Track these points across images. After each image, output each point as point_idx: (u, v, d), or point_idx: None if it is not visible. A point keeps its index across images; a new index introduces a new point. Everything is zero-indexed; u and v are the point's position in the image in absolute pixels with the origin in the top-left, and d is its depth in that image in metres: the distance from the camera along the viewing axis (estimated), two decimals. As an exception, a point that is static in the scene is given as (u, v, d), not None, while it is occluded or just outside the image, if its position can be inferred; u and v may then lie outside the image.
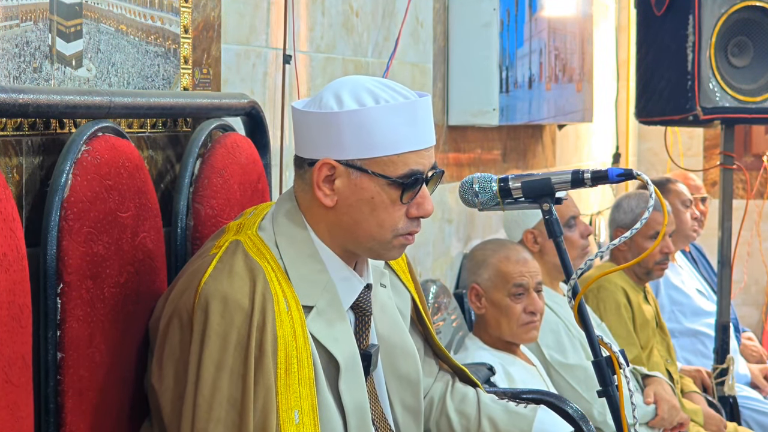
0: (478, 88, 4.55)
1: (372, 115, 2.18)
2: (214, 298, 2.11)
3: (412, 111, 2.20)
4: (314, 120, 2.21)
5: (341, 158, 2.19)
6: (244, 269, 2.16)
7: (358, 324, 2.30)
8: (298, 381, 2.14)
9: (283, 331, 2.13)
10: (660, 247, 4.80)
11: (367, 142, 2.18)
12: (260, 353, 2.10)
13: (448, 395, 2.53)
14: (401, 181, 2.19)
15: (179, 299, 2.17)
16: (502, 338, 3.83)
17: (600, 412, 4.01)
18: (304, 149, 2.25)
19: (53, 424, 2.09)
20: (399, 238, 2.24)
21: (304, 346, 2.16)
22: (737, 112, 4.88)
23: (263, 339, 2.11)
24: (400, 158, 2.19)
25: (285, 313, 2.15)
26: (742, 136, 7.74)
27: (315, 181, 2.21)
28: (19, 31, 2.12)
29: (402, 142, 2.19)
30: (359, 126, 2.17)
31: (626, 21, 7.57)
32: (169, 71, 2.63)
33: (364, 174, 2.19)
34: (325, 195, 2.21)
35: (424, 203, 2.23)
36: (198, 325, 2.11)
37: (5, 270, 1.88)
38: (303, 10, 3.35)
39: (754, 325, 7.65)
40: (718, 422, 4.76)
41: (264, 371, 2.10)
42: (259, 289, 2.13)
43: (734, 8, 4.85)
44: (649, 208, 2.24)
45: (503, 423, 2.48)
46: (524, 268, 3.83)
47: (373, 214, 2.21)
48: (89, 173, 2.16)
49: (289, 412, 2.12)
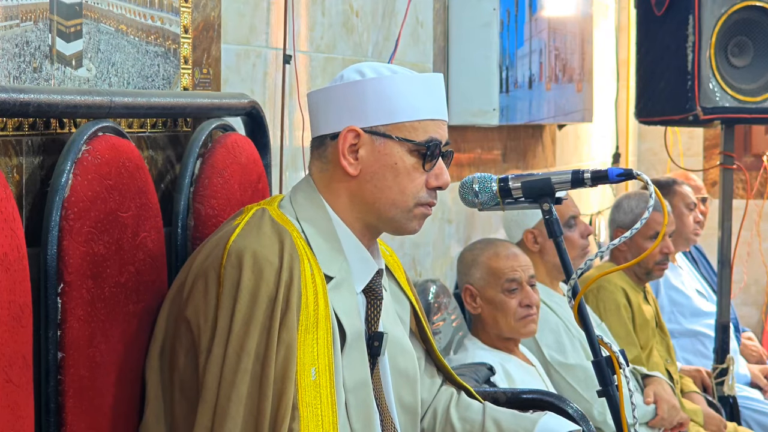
0: (478, 88, 4.55)
1: (393, 83, 2.28)
2: (245, 254, 2.17)
3: (429, 83, 2.32)
4: (336, 93, 2.30)
5: (365, 125, 2.27)
6: (272, 231, 2.22)
7: (369, 307, 2.34)
8: (316, 340, 2.19)
9: (306, 291, 2.19)
10: (660, 248, 4.80)
11: (389, 108, 2.27)
12: (287, 308, 2.16)
13: (452, 406, 2.54)
14: (424, 145, 2.27)
15: (204, 262, 2.21)
16: (501, 335, 3.83)
17: (600, 412, 4.01)
18: (326, 125, 2.32)
19: (53, 423, 2.09)
20: (419, 208, 2.30)
21: (324, 310, 2.21)
22: (737, 112, 4.88)
23: (290, 295, 2.16)
24: (421, 125, 2.29)
25: (309, 276, 2.21)
26: (742, 136, 7.74)
27: (340, 149, 2.27)
28: (19, 31, 2.12)
29: (422, 109, 2.29)
30: (381, 93, 2.27)
31: (626, 21, 7.57)
32: (169, 71, 2.63)
33: (388, 140, 2.27)
34: (349, 164, 2.28)
35: (442, 174, 2.31)
36: (229, 280, 2.16)
37: (6, 270, 1.88)
38: (303, 10, 3.35)
39: (754, 325, 7.65)
40: (718, 422, 4.76)
41: (288, 326, 2.15)
42: (287, 248, 2.19)
43: (734, 8, 4.85)
44: (648, 208, 2.24)
45: (507, 423, 2.49)
46: (515, 263, 3.83)
47: (396, 180, 2.28)
48: (90, 173, 2.16)
49: (306, 369, 2.16)
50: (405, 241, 4.01)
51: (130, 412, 2.27)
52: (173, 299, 2.25)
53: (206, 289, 2.19)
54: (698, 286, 5.90)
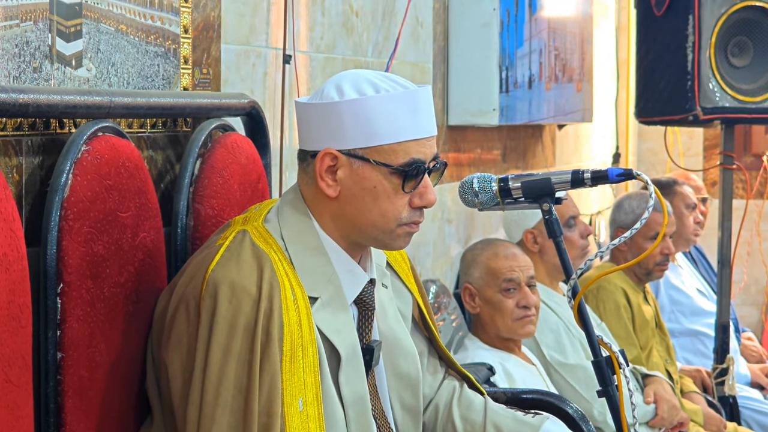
0: (478, 88, 4.55)
1: (372, 104, 2.19)
2: (222, 284, 2.12)
3: (413, 100, 2.22)
4: (316, 111, 2.23)
5: (343, 148, 2.21)
6: (252, 257, 2.17)
7: (361, 318, 2.31)
8: (303, 369, 2.15)
9: (289, 319, 2.14)
10: (660, 248, 4.80)
11: (368, 130, 2.19)
12: (267, 339, 2.11)
13: (454, 402, 2.52)
14: (403, 170, 2.20)
15: (186, 287, 2.18)
16: (499, 335, 3.83)
17: (600, 412, 4.01)
18: (307, 142, 2.26)
19: (53, 423, 2.09)
20: (403, 227, 2.25)
21: (309, 335, 2.17)
22: (737, 112, 4.88)
23: (270, 325, 2.12)
24: (401, 147, 2.21)
25: (291, 301, 2.16)
26: (742, 136, 7.74)
27: (318, 171, 2.22)
28: (19, 31, 2.12)
29: (402, 130, 2.20)
30: (359, 115, 2.19)
31: (626, 21, 7.57)
32: (169, 71, 2.63)
33: (366, 163, 2.20)
34: (327, 186, 2.22)
35: (426, 193, 2.24)
36: (206, 311, 2.12)
37: (5, 270, 1.88)
38: (303, 10, 3.35)
39: (754, 325, 7.65)
40: (718, 422, 4.76)
41: (270, 357, 2.11)
42: (266, 276, 2.14)
43: (734, 8, 4.85)
44: (648, 209, 2.24)
45: (508, 430, 2.48)
46: (514, 263, 3.82)
47: (375, 203, 2.22)
48: (89, 173, 2.16)
49: (294, 400, 2.12)
50: (405, 241, 4.00)
51: (129, 412, 2.27)
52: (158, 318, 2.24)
53: (187, 319, 2.16)
54: (698, 286, 5.90)
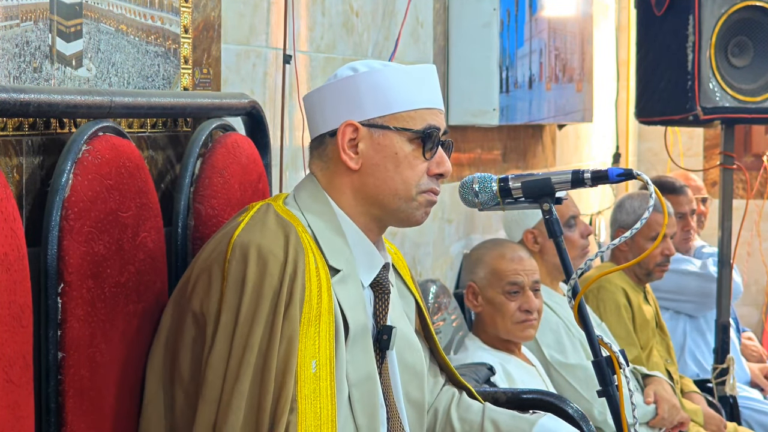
0: (478, 88, 4.55)
1: (387, 75, 2.30)
2: (250, 248, 2.17)
3: (422, 74, 2.35)
4: (332, 90, 2.32)
5: (363, 119, 2.29)
6: (277, 225, 2.23)
7: (377, 301, 2.35)
8: (318, 335, 2.19)
9: (310, 284, 2.19)
10: (660, 249, 4.80)
11: (385, 100, 2.29)
12: (289, 301, 2.16)
13: (453, 406, 2.54)
14: (423, 133, 2.29)
15: (209, 257, 2.22)
16: (498, 336, 3.83)
17: (600, 412, 4.01)
18: (323, 125, 2.33)
19: (54, 423, 2.09)
20: (422, 195, 2.31)
21: (328, 304, 2.21)
22: (737, 112, 4.88)
23: (293, 287, 2.16)
24: (418, 113, 2.30)
25: (314, 268, 2.21)
26: (742, 136, 7.74)
27: (340, 144, 2.29)
28: (19, 31, 2.12)
29: (417, 99, 2.31)
30: (375, 86, 2.29)
31: (626, 21, 7.57)
32: (169, 71, 2.63)
33: (387, 131, 2.29)
34: (350, 158, 2.29)
35: (444, 161, 2.33)
36: (234, 274, 2.16)
37: (6, 270, 1.88)
38: (303, 10, 3.35)
39: (754, 325, 7.65)
40: (718, 422, 4.76)
41: (290, 319, 2.15)
42: (292, 242, 2.20)
43: (734, 8, 4.85)
44: (649, 209, 2.24)
45: (505, 424, 2.49)
46: (519, 266, 3.82)
47: (397, 170, 2.29)
48: (90, 173, 2.16)
49: (307, 360, 2.16)
50: (405, 241, 4.01)
51: (130, 412, 2.27)
52: (177, 297, 2.26)
53: (210, 283, 2.19)
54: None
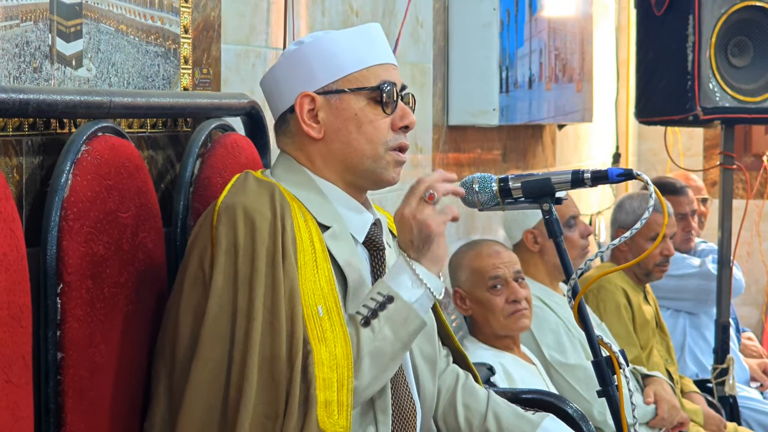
0: (478, 88, 4.55)
1: (331, 41, 2.32)
2: (236, 209, 2.18)
3: (367, 33, 2.35)
4: (282, 68, 2.34)
5: (317, 88, 2.30)
6: (259, 186, 2.24)
7: (373, 259, 2.35)
8: (318, 280, 2.19)
9: (301, 236, 2.20)
10: (660, 249, 4.79)
11: (335, 64, 2.30)
12: (284, 255, 2.16)
13: (459, 388, 2.55)
14: (378, 88, 2.29)
15: (196, 234, 2.22)
16: (494, 334, 3.82)
17: (600, 412, 4.00)
18: (281, 103, 2.35)
19: (53, 424, 2.09)
20: (390, 153, 2.31)
21: (322, 254, 2.22)
22: (737, 112, 4.88)
23: (285, 242, 2.17)
24: (370, 71, 2.32)
25: (302, 222, 2.22)
26: (742, 136, 7.74)
27: (300, 117, 2.30)
28: (19, 31, 2.12)
29: (366, 58, 2.32)
30: (322, 53, 2.31)
31: (626, 21, 7.57)
32: (169, 71, 2.63)
33: (342, 94, 2.30)
34: (311, 128, 2.30)
35: (406, 114, 2.33)
36: (224, 237, 2.16)
37: (5, 270, 1.88)
38: (303, 10, 3.35)
39: (754, 325, 7.65)
40: (718, 422, 4.76)
41: (288, 272, 2.15)
42: (277, 199, 2.20)
43: (734, 8, 4.85)
44: (648, 209, 2.24)
45: (508, 422, 2.49)
46: (497, 260, 3.81)
47: (360, 131, 2.30)
48: (89, 173, 2.16)
49: (313, 308, 2.16)
50: (405, 241, 4.00)
51: (129, 412, 2.27)
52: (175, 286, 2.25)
53: (201, 257, 2.19)
54: None
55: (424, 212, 2.21)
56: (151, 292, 2.34)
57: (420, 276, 2.21)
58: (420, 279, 2.21)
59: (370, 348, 2.18)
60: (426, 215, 2.21)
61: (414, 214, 2.22)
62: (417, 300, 2.22)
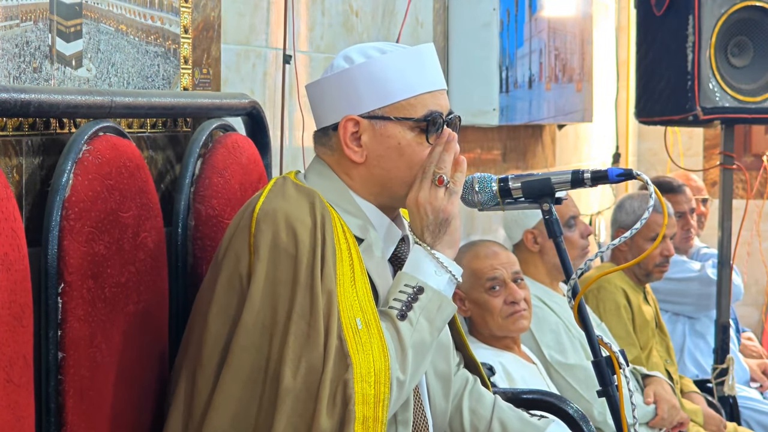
0: (478, 88, 4.55)
1: (382, 64, 2.27)
2: (277, 216, 2.16)
3: (419, 56, 2.30)
4: (329, 84, 2.30)
5: (362, 112, 2.27)
6: (299, 193, 2.22)
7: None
8: (356, 294, 2.18)
9: (340, 246, 2.19)
10: (660, 250, 4.80)
11: (383, 90, 2.26)
12: (323, 264, 2.15)
13: (466, 393, 2.55)
14: (424, 120, 2.26)
15: (232, 235, 2.20)
16: (493, 334, 3.82)
17: (600, 412, 4.01)
18: (325, 118, 2.32)
19: (54, 423, 2.09)
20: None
21: (360, 266, 2.21)
22: (737, 112, 4.88)
23: (325, 252, 2.15)
24: (417, 100, 2.28)
25: (341, 232, 2.21)
26: (742, 136, 7.74)
27: (343, 140, 2.27)
28: (19, 31, 2.12)
29: (416, 85, 2.28)
30: (372, 77, 2.27)
31: (626, 21, 7.56)
32: (169, 71, 2.63)
33: (387, 121, 2.27)
34: (354, 152, 2.28)
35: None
36: (264, 243, 2.15)
37: (6, 269, 1.88)
38: (303, 10, 3.35)
39: (754, 325, 7.65)
40: (718, 422, 4.76)
41: (326, 280, 2.14)
42: (317, 207, 2.19)
43: (734, 8, 4.85)
44: (648, 209, 2.24)
45: (513, 429, 2.50)
46: (495, 261, 3.80)
47: (402, 159, 2.28)
48: (90, 173, 2.16)
49: (351, 320, 2.14)
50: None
51: (130, 412, 2.27)
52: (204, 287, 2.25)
53: (237, 261, 2.17)
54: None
55: (438, 196, 2.23)
56: (151, 292, 2.34)
57: (442, 262, 2.23)
58: (443, 265, 2.23)
59: (412, 341, 2.18)
60: (441, 200, 2.23)
61: (429, 200, 2.23)
62: (444, 287, 2.24)
